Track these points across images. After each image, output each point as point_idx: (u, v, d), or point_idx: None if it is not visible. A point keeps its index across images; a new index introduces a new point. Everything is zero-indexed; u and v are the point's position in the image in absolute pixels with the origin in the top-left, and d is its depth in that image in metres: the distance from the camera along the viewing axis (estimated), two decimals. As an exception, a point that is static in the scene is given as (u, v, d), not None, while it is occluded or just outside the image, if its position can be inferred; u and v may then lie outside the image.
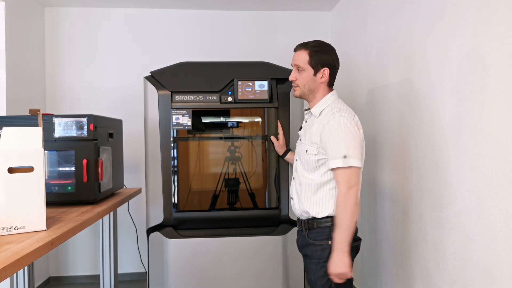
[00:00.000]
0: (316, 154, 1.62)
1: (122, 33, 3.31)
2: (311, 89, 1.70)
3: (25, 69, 2.94)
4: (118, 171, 2.29)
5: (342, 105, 1.68)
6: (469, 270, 1.57)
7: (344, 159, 1.53)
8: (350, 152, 1.53)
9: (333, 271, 1.53)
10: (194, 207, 2.24)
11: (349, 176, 1.54)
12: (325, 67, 1.67)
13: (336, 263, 1.52)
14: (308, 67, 1.67)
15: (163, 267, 2.18)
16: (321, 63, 1.66)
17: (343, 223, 1.52)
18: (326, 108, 1.66)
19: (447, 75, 1.70)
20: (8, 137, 1.36)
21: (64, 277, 3.31)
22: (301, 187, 1.69)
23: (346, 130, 1.55)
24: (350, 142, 1.55)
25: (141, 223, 3.20)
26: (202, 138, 2.28)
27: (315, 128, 1.65)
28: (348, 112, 1.63)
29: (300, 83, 1.70)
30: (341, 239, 1.52)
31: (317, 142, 1.62)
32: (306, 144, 1.68)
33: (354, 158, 1.54)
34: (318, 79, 1.68)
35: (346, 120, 1.58)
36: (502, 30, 1.38)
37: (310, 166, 1.66)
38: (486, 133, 1.46)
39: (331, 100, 1.69)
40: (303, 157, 1.69)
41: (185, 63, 2.29)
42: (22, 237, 1.30)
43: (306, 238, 1.68)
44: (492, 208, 1.43)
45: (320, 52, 1.67)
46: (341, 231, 1.52)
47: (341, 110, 1.62)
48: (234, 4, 3.26)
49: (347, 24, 3.07)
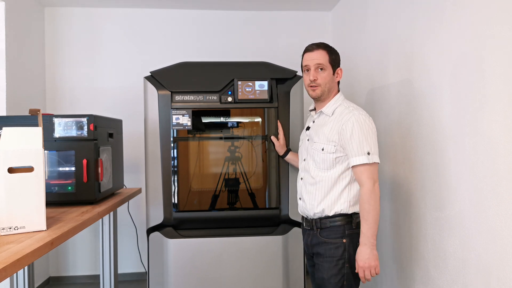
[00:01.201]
0: (334, 152, 1.66)
1: (122, 33, 3.31)
2: (330, 88, 1.74)
3: (25, 69, 2.94)
4: (118, 171, 2.29)
5: (351, 103, 1.75)
6: (469, 270, 1.57)
7: (368, 156, 1.59)
8: (372, 149, 1.61)
9: (365, 264, 1.57)
10: (194, 207, 2.24)
11: (373, 172, 1.61)
12: (339, 67, 1.77)
13: (367, 256, 1.57)
14: (329, 66, 1.72)
15: (163, 267, 2.18)
16: (337, 63, 1.76)
17: (372, 216, 1.57)
18: (338, 107, 1.72)
19: (447, 75, 1.70)
20: (8, 137, 1.36)
21: (64, 277, 3.31)
22: (314, 187, 1.71)
23: (366, 127, 1.62)
24: (371, 139, 1.62)
25: (141, 223, 3.20)
26: (202, 138, 2.28)
27: (330, 127, 1.69)
28: (362, 110, 1.70)
29: (322, 82, 1.72)
30: (370, 233, 1.57)
31: (335, 140, 1.65)
32: (321, 143, 1.70)
33: (376, 155, 1.62)
34: (335, 78, 1.76)
35: (365, 117, 1.65)
36: (502, 30, 1.38)
37: (326, 164, 1.68)
38: (486, 133, 1.46)
39: (341, 99, 1.75)
40: (318, 156, 1.70)
41: (185, 63, 2.29)
42: (22, 237, 1.30)
43: (318, 236, 1.70)
44: (492, 208, 1.43)
45: (334, 53, 1.76)
46: (369, 225, 1.57)
47: (356, 108, 1.69)
48: (234, 4, 3.26)
49: (347, 24, 3.07)
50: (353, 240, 1.64)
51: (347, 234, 1.64)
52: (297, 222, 2.25)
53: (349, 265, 1.63)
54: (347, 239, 1.64)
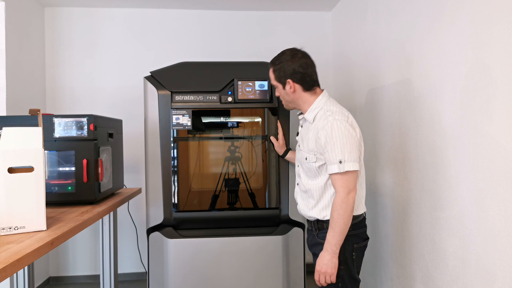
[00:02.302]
0: (315, 161, 1.63)
1: (122, 33, 3.31)
2: (291, 101, 1.73)
3: (25, 69, 2.94)
4: (118, 171, 2.29)
5: (335, 106, 1.66)
6: (469, 270, 1.57)
7: (340, 164, 1.53)
8: (345, 157, 1.52)
9: (321, 269, 1.56)
10: (194, 207, 2.24)
11: (346, 181, 1.54)
12: (288, 79, 1.67)
13: (325, 262, 1.56)
14: (276, 83, 1.73)
15: (163, 267, 2.18)
16: (284, 76, 1.68)
17: (338, 227, 1.53)
18: (319, 112, 1.65)
19: (447, 75, 1.70)
20: (8, 137, 1.36)
21: (64, 277, 3.31)
22: (306, 194, 1.71)
23: (340, 134, 1.54)
24: (345, 146, 1.53)
25: (141, 223, 3.20)
26: (202, 138, 2.28)
27: (311, 135, 1.65)
28: (340, 114, 1.60)
29: (282, 99, 1.77)
30: (334, 241, 1.54)
31: (314, 149, 1.62)
32: (305, 151, 1.69)
33: (350, 162, 1.53)
34: (288, 91, 1.69)
35: (339, 122, 1.55)
36: (502, 30, 1.38)
37: (312, 173, 1.67)
38: (486, 133, 1.46)
39: (322, 102, 1.67)
40: (304, 165, 1.69)
41: (185, 63, 2.29)
42: (22, 237, 1.30)
43: (316, 237, 1.70)
44: (492, 208, 1.43)
45: (280, 64, 1.69)
46: (334, 234, 1.54)
47: (334, 113, 1.59)
48: (234, 4, 3.26)
49: (347, 24, 3.07)
50: (349, 243, 1.62)
51: None
52: (297, 222, 2.25)
53: (344, 267, 1.61)
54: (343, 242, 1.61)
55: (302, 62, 1.66)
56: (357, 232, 1.65)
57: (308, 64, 1.68)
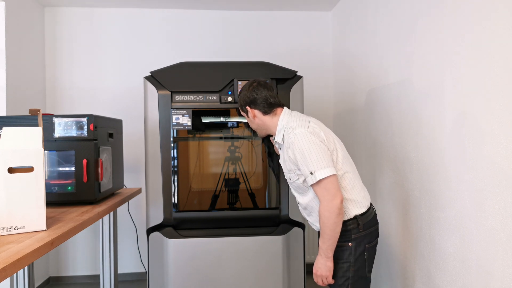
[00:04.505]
0: (297, 179, 1.67)
1: (122, 33, 3.31)
2: (257, 127, 1.84)
3: (25, 69, 2.94)
4: (118, 171, 2.29)
5: (294, 120, 1.69)
6: (469, 270, 1.57)
7: (311, 175, 1.55)
8: (314, 166, 1.53)
9: (316, 272, 1.64)
10: (194, 207, 2.24)
11: (323, 189, 1.54)
12: (246, 106, 1.80)
13: (319, 265, 1.63)
14: (243, 113, 1.86)
15: (163, 267, 2.18)
16: (244, 104, 1.81)
17: (326, 234, 1.56)
18: (285, 131, 1.69)
19: (447, 75, 1.70)
20: (8, 137, 1.36)
21: (64, 277, 3.31)
22: (307, 210, 1.76)
23: (302, 146, 1.56)
24: (310, 156, 1.54)
25: (141, 223, 3.20)
26: (202, 138, 2.28)
27: (285, 156, 1.70)
28: (300, 126, 1.62)
29: (251, 127, 1.89)
30: (324, 247, 1.59)
31: (292, 168, 1.67)
32: (287, 172, 1.74)
33: (320, 170, 1.52)
34: (251, 118, 1.81)
35: (299, 136, 1.58)
36: (502, 29, 1.38)
37: (301, 190, 1.71)
38: (486, 133, 1.46)
39: (284, 121, 1.72)
40: (292, 185, 1.76)
41: (185, 63, 2.29)
42: (22, 237, 1.30)
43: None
44: (492, 208, 1.43)
45: (240, 95, 1.83)
46: (325, 241, 1.58)
47: (294, 128, 1.63)
48: (234, 4, 3.27)
49: (347, 24, 3.07)
50: (360, 244, 1.62)
51: (353, 238, 1.62)
52: (297, 222, 2.25)
53: (354, 269, 1.62)
54: (353, 243, 1.62)
55: (256, 89, 1.77)
56: (369, 231, 1.65)
57: (263, 88, 1.77)
